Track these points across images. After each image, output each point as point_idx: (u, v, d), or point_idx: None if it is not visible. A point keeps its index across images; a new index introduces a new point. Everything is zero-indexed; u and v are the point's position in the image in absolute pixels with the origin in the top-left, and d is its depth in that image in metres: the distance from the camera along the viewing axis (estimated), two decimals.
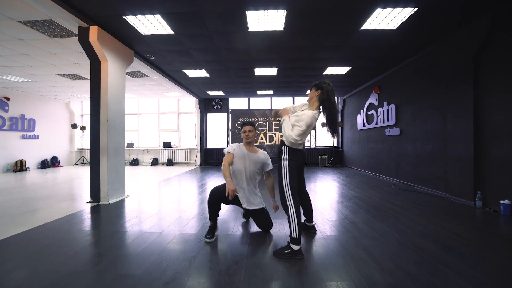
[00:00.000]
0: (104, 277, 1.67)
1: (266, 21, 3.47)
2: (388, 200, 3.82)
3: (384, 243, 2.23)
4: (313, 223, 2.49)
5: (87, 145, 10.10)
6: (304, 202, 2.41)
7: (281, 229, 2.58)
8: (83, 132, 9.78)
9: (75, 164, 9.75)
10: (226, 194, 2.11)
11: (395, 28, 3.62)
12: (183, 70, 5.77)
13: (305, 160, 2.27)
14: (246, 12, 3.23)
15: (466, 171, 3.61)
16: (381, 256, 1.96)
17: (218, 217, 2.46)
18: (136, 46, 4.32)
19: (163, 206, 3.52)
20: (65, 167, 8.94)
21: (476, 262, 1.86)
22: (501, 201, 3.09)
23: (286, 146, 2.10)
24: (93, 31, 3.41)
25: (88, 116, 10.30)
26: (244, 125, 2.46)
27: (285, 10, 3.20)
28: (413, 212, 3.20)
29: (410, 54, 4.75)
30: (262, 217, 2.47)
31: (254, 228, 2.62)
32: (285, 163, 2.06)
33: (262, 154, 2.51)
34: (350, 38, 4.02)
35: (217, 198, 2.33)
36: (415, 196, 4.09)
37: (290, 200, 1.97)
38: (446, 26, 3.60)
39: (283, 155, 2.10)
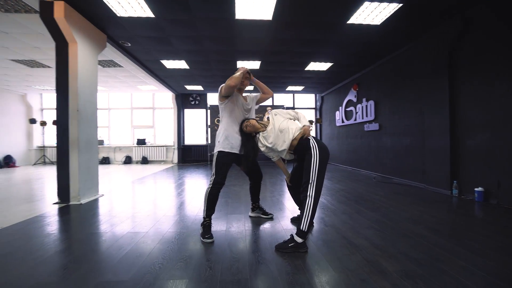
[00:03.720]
0: (84, 285, 1.42)
1: (255, 8, 3.34)
2: (372, 192, 3.93)
3: (381, 231, 2.24)
4: None
5: (48, 142, 9.09)
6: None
7: (277, 222, 2.49)
8: (43, 128, 8.78)
9: (35, 164, 8.72)
10: (239, 73, 2.05)
11: (379, 23, 3.71)
12: (161, 61, 5.40)
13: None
14: None
15: (443, 162, 3.83)
16: (383, 244, 1.94)
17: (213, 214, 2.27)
18: (110, 30, 3.91)
19: (143, 205, 3.23)
20: (23, 167, 7.95)
21: (464, 242, 1.94)
22: (476, 189, 3.31)
23: (314, 140, 2.02)
24: (59, 6, 2.98)
25: (49, 111, 9.34)
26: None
27: None
28: (397, 201, 3.31)
29: (389, 52, 4.93)
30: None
31: (249, 224, 2.49)
32: (315, 153, 1.95)
33: (250, 102, 2.39)
34: (335, 32, 4.04)
35: (224, 175, 2.17)
36: (396, 188, 4.26)
37: (312, 191, 1.87)
38: (424, 24, 3.77)
39: (312, 148, 1.99)
